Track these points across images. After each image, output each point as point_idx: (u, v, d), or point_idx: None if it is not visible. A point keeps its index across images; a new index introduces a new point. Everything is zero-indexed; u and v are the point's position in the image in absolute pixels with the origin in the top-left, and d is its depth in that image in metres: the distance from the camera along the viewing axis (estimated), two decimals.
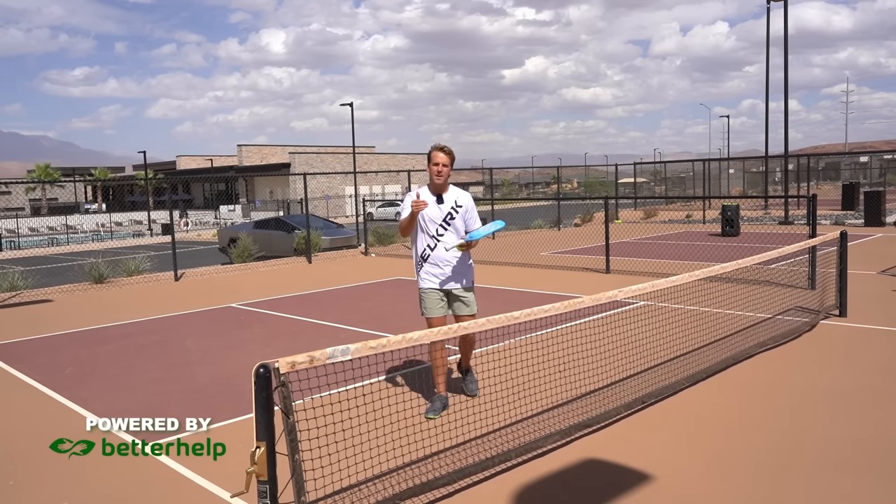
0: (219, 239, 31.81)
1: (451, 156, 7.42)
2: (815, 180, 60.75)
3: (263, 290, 16.91)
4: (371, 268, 21.01)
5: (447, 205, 7.49)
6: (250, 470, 4.15)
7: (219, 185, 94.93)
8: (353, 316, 13.12)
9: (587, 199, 41.85)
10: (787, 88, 31.67)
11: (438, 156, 7.35)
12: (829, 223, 29.16)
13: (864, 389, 7.78)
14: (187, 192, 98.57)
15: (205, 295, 16.73)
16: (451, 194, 7.54)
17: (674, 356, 8.84)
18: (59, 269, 29.25)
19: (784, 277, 14.51)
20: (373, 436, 5.90)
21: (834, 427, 6.68)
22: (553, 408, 7.10)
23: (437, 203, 7.47)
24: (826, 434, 6.51)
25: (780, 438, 6.43)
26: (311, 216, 26.32)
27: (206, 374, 9.44)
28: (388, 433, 6.01)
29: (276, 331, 12.13)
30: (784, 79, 31.57)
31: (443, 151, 7.37)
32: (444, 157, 7.36)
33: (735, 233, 26.43)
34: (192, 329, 12.67)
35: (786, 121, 32.30)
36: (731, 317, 10.80)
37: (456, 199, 7.53)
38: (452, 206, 7.51)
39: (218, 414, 7.47)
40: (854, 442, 6.30)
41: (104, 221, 70.13)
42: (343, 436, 5.44)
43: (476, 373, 7.88)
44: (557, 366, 7.93)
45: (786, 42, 31.33)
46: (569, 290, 14.30)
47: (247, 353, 10.43)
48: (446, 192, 7.52)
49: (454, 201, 7.52)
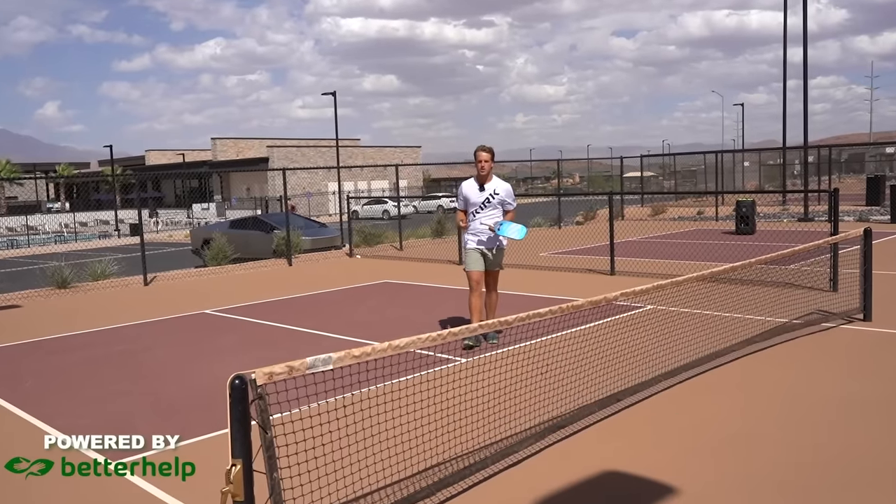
0: (192, 240, 31.77)
1: (491, 153, 10.90)
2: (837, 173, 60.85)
3: (240, 295, 16.91)
4: (356, 270, 21.01)
5: (486, 192, 10.87)
6: (225, 490, 4.15)
7: (191, 182, 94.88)
8: (337, 322, 13.13)
9: (590, 195, 41.88)
10: (807, 74, 31.72)
11: (482, 154, 10.82)
12: (852, 219, 29.22)
13: (892, 400, 7.81)
14: (157, 189, 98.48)
15: (176, 300, 16.72)
16: (492, 184, 10.92)
17: (683, 364, 8.85)
18: (20, 274, 29.18)
19: (803, 279, 14.51)
20: (356, 452, 5.90)
21: (860, 440, 6.70)
22: (551, 419, 7.12)
23: (478, 190, 10.91)
24: (851, 448, 6.53)
25: (800, 452, 6.45)
26: (291, 215, 26.31)
27: (178, 386, 9.44)
28: (373, 449, 6.02)
29: (252, 339, 12.13)
30: (803, 64, 31.62)
31: (485, 151, 10.84)
32: (486, 155, 10.80)
33: (750, 230, 26.46)
34: (162, 338, 12.66)
35: (805, 108, 32.34)
36: (745, 321, 10.79)
37: (494, 188, 10.89)
38: (490, 193, 10.86)
39: (190, 429, 7.47)
40: (883, 457, 6.32)
41: (68, 222, 69.96)
42: (324, 451, 5.44)
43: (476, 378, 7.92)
44: (555, 375, 7.94)
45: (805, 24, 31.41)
46: (569, 293, 14.30)
47: (221, 363, 10.43)
48: (488, 182, 10.92)
49: (493, 190, 10.87)
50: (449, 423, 6.48)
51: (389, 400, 6.29)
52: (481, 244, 10.94)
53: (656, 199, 43.51)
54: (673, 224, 32.25)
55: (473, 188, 10.98)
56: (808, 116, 32.80)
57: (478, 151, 10.92)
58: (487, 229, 10.80)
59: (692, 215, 35.85)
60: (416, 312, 13.91)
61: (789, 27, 39.83)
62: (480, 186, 10.93)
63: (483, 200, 10.87)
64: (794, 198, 39.82)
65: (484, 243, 10.94)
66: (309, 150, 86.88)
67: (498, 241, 10.97)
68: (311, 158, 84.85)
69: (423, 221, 33.98)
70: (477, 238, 10.94)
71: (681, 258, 18.89)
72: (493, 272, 11.09)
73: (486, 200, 10.87)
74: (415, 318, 13.20)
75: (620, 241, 20.97)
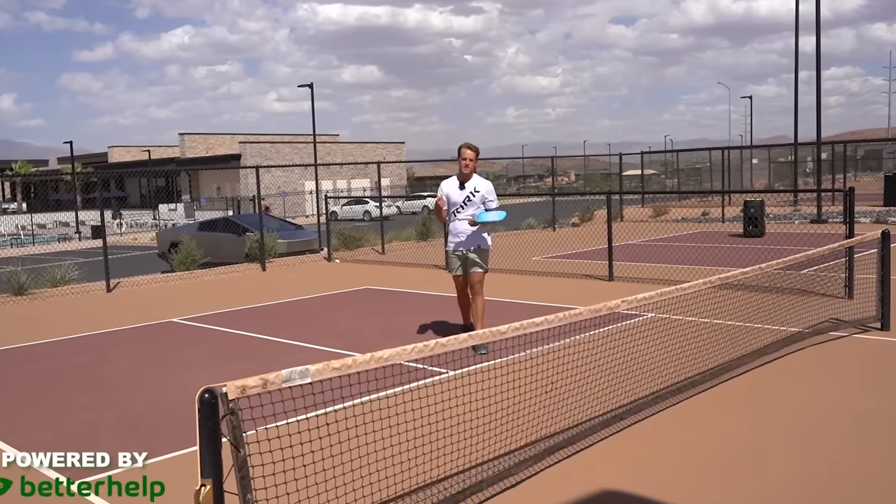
0: (158, 243, 31.71)
1: (476, 152, 11.35)
2: (852, 171, 61.03)
3: (210, 303, 16.88)
4: (336, 275, 21.00)
5: (467, 190, 11.23)
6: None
7: (157, 181, 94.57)
8: (315, 332, 13.12)
9: (587, 195, 41.87)
10: (820, 64, 31.82)
11: (466, 152, 11.19)
12: (868, 221, 29.30)
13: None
14: (121, 188, 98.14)
15: (142, 308, 16.68)
16: (472, 182, 11.26)
17: (688, 376, 8.87)
18: None
19: (816, 285, 14.55)
20: (336, 472, 5.89)
21: (876, 458, 6.72)
22: (549, 436, 7.12)
23: (459, 189, 11.28)
24: (867, 466, 6.55)
25: (813, 470, 6.46)
26: (265, 216, 26.27)
27: (144, 400, 9.42)
28: (354, 469, 6.00)
29: (224, 349, 12.12)
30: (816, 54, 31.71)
31: (469, 149, 11.23)
32: (470, 153, 11.20)
33: (759, 233, 26.54)
34: (127, 348, 12.63)
35: (818, 101, 32.40)
36: (754, 331, 10.83)
37: (475, 186, 11.24)
38: (471, 191, 11.22)
39: (157, 446, 7.45)
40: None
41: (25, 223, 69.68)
42: (303, 472, 5.42)
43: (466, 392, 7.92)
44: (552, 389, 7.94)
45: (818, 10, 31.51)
46: (565, 300, 14.32)
47: (190, 375, 10.42)
48: (469, 181, 11.26)
49: (473, 188, 11.23)
50: (438, 441, 6.47)
51: (372, 416, 6.28)
52: (460, 246, 11.38)
53: (658, 200, 43.58)
54: (676, 226, 32.34)
55: (454, 186, 11.40)
56: (822, 110, 32.85)
57: (462, 149, 11.28)
58: (467, 224, 11.23)
59: (696, 216, 35.89)
60: (400, 321, 13.89)
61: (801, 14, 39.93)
62: (461, 185, 11.34)
63: (463, 199, 11.26)
64: (806, 198, 39.92)
65: (463, 244, 11.35)
66: (284, 146, 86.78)
67: (479, 240, 11.33)
68: (287, 155, 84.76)
69: (406, 223, 33.97)
70: (457, 240, 11.40)
71: (684, 263, 18.94)
72: (476, 274, 11.39)
73: (466, 199, 11.25)
74: (399, 328, 13.19)
75: (619, 244, 21.00)
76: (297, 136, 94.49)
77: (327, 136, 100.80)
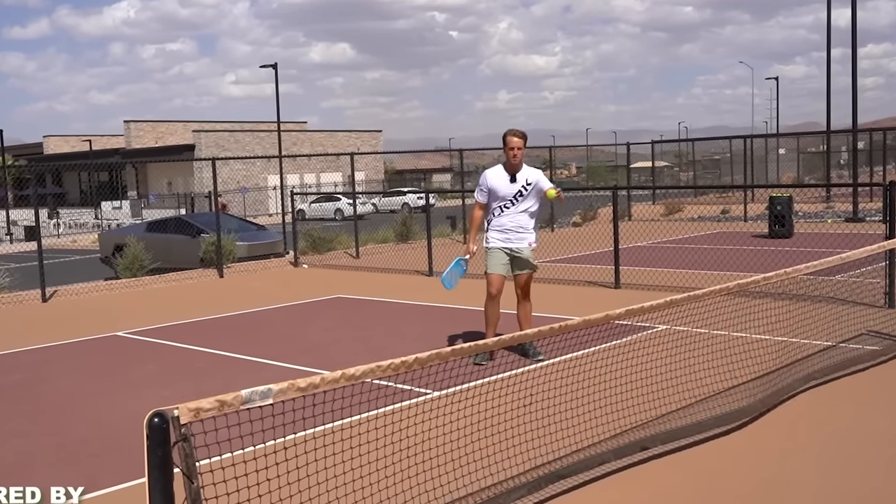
0: (101, 246, 31.61)
1: (524, 138, 11.25)
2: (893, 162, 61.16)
3: (160, 314, 16.86)
4: (303, 283, 21.01)
5: (518, 183, 11.20)
6: None
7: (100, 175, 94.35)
8: (279, 347, 13.13)
9: (590, 191, 41.90)
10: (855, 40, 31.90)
11: (513, 140, 11.09)
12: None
13: None
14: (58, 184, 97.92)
15: (82, 320, 16.66)
16: (524, 174, 11.24)
17: (704, 396, 8.89)
18: None
19: (852, 292, 14.57)
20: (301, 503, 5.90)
21: None
22: (545, 464, 7.14)
23: (510, 182, 11.22)
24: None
25: (845, 502, 6.49)
26: (222, 215, 26.24)
27: (84, 425, 9.42)
28: (322, 500, 6.02)
29: (175, 367, 12.12)
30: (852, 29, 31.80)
31: (516, 136, 11.12)
32: (518, 140, 11.10)
33: (787, 233, 26.63)
34: (66, 366, 12.62)
35: (853, 83, 32.45)
36: (780, 345, 10.83)
37: (527, 178, 11.22)
38: (523, 184, 11.19)
39: (98, 478, 7.45)
40: None
41: None
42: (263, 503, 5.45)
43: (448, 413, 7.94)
44: (546, 411, 7.97)
45: None
46: (564, 310, 14.29)
47: (137, 397, 10.41)
48: (519, 172, 11.23)
49: (525, 180, 11.21)
50: (416, 469, 6.49)
51: (342, 441, 6.30)
52: (508, 242, 11.31)
53: (671, 195, 43.63)
54: (691, 226, 32.38)
55: (503, 178, 11.32)
56: (858, 93, 32.94)
57: (508, 136, 11.20)
58: (517, 219, 11.25)
59: (715, 215, 35.99)
60: (376, 334, 13.92)
61: None
62: (512, 177, 11.27)
63: (515, 193, 11.21)
64: (840, 193, 39.95)
65: (512, 241, 11.30)
66: (244, 135, 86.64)
67: (530, 236, 11.38)
68: (247, 146, 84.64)
69: (384, 223, 33.97)
70: (504, 236, 11.33)
71: (701, 268, 18.97)
72: (526, 276, 11.52)
73: (518, 193, 11.21)
74: (375, 342, 13.22)
75: (627, 246, 21.05)
76: (258, 123, 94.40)
77: (293, 123, 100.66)
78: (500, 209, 11.29)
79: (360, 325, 14.92)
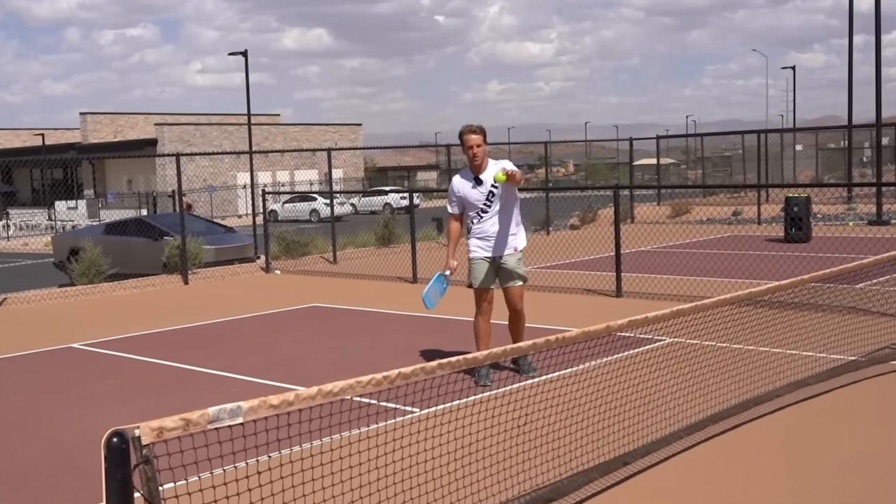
0: (54, 250, 31.56)
1: (483, 133, 10.92)
2: None
3: (120, 324, 16.84)
4: (276, 290, 21.02)
5: (486, 184, 10.93)
6: None
7: (54, 172, 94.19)
8: (250, 360, 13.13)
9: (589, 190, 41.89)
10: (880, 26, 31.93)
11: (471, 138, 10.81)
12: None
13: None
14: (8, 181, 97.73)
15: (35, 331, 16.65)
16: (489, 171, 10.85)
17: (711, 415, 8.90)
18: None
19: (874, 302, 14.56)
20: None
21: None
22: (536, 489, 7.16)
23: (474, 187, 11.01)
24: None
25: None
26: (187, 216, 26.22)
27: (35, 445, 9.41)
28: None
29: (136, 382, 12.11)
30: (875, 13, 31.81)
31: (474, 133, 10.84)
32: (476, 137, 10.81)
33: (804, 237, 26.66)
34: (15, 380, 12.62)
35: (877, 73, 32.47)
36: (794, 359, 10.81)
37: (494, 175, 10.68)
38: (492, 183, 10.85)
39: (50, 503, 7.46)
40: None
41: None
42: None
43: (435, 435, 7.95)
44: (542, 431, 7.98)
45: None
46: (561, 321, 14.32)
47: (94, 414, 10.42)
48: (484, 172, 10.93)
49: (492, 177, 10.76)
50: (399, 493, 6.50)
51: (320, 466, 6.30)
52: (490, 250, 11.19)
53: (677, 195, 43.64)
54: (700, 229, 32.42)
55: (467, 185, 11.17)
56: (882, 84, 32.96)
57: (465, 135, 10.97)
58: (495, 225, 11.09)
59: (726, 217, 36.01)
60: (354, 346, 13.93)
61: None
62: (476, 180, 11.08)
63: (486, 196, 11.02)
64: (863, 193, 39.95)
65: (494, 248, 11.17)
66: (211, 129, 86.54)
67: (515, 239, 11.31)
68: (215, 140, 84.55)
69: (364, 224, 34.00)
70: (484, 243, 11.22)
71: (710, 275, 19.01)
72: (516, 289, 11.40)
73: (489, 195, 11.01)
74: (353, 355, 13.23)
75: (629, 251, 21.06)
76: (227, 116, 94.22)
77: (265, 116, 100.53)
78: (476, 216, 11.15)
79: (337, 336, 14.93)
